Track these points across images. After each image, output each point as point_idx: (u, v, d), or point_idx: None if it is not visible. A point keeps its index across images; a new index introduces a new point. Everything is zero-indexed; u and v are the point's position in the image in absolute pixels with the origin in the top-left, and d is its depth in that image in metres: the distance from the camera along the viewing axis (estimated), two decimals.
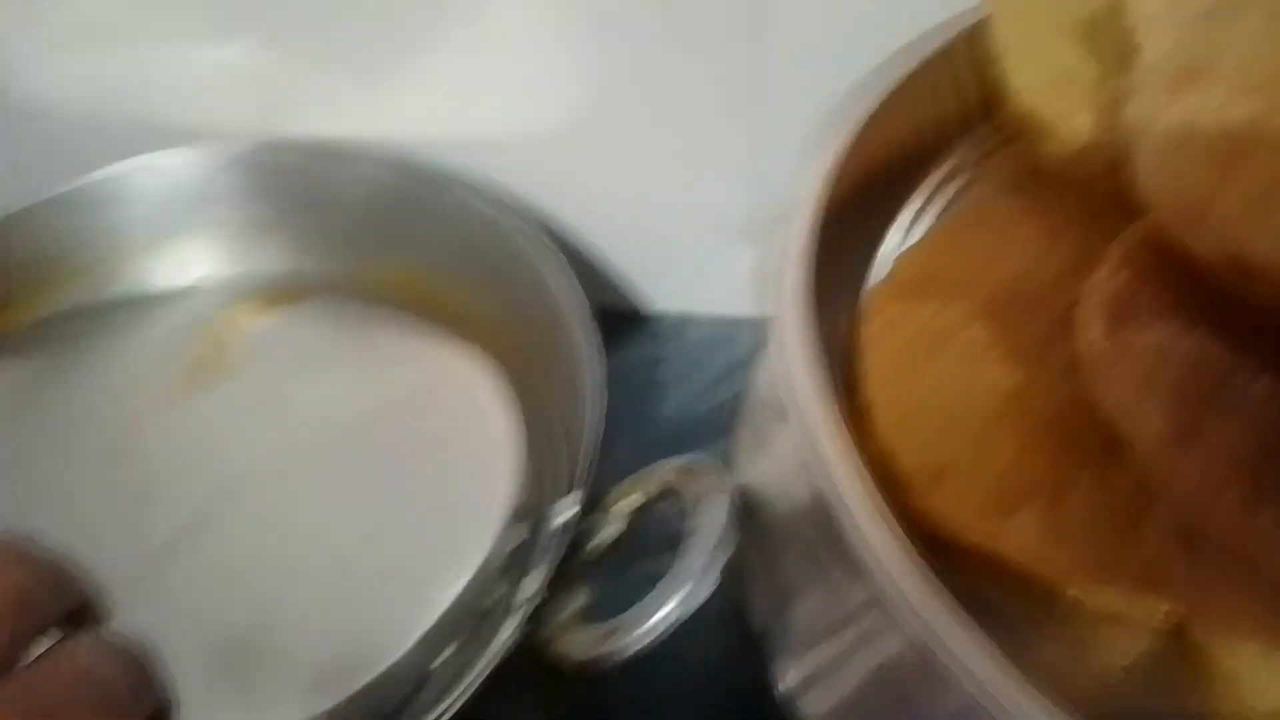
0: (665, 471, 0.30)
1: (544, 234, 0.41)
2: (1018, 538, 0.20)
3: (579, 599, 0.30)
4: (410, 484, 0.36)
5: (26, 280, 0.44)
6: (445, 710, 0.28)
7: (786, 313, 0.22)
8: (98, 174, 0.44)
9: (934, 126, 0.29)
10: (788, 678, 0.27)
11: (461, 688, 0.28)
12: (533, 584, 0.30)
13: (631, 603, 0.28)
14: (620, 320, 0.49)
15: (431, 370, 0.41)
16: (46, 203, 0.44)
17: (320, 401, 0.39)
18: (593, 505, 0.32)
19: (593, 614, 0.30)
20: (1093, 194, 0.24)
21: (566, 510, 0.32)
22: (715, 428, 0.41)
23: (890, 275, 0.26)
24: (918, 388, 0.23)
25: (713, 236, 0.46)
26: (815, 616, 0.25)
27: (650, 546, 0.37)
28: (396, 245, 0.44)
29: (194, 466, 0.38)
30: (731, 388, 0.46)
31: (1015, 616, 0.21)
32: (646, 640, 0.26)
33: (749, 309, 0.49)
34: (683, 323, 0.50)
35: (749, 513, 0.29)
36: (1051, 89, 0.27)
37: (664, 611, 0.26)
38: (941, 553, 0.20)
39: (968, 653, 0.17)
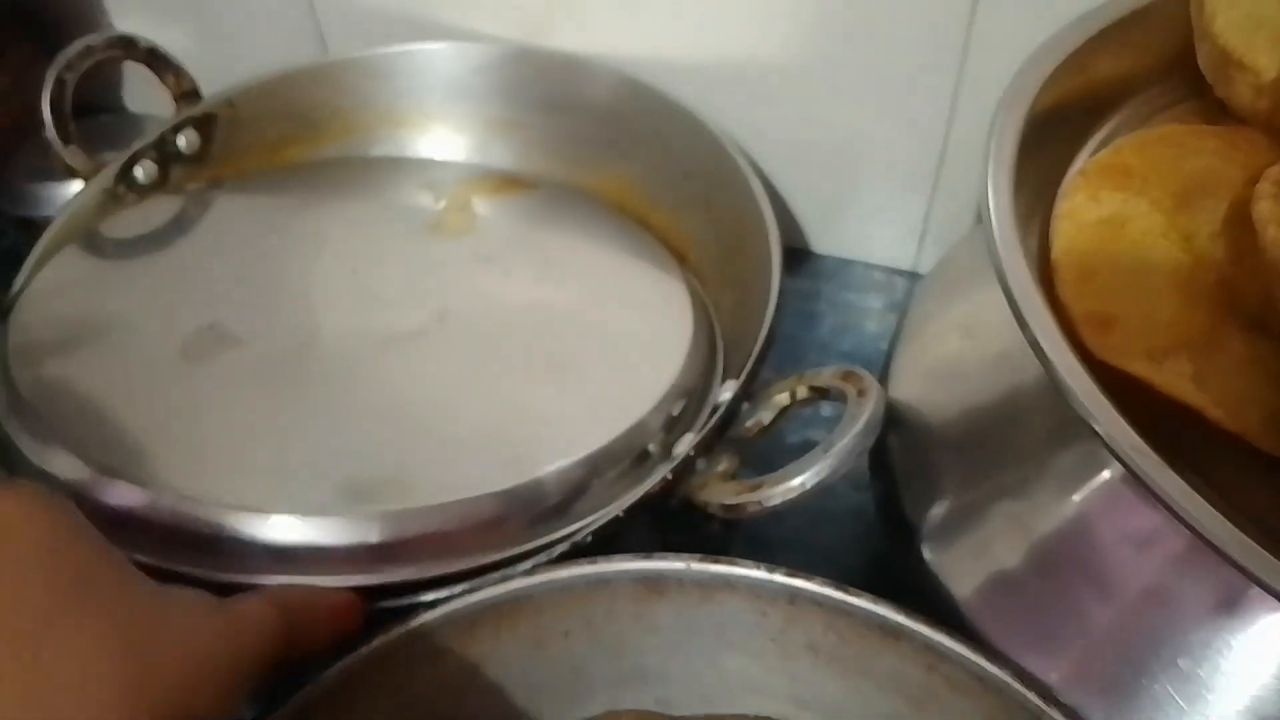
0: (822, 376, 0.36)
1: (748, 162, 0.46)
2: (1171, 377, 0.26)
3: (724, 463, 0.36)
4: (591, 353, 0.43)
5: (306, 126, 0.53)
6: (593, 523, 0.34)
7: (996, 192, 0.29)
8: (380, 50, 0.53)
9: (1121, 77, 0.34)
10: (934, 556, 0.33)
11: (610, 510, 0.35)
12: (687, 442, 0.37)
13: None
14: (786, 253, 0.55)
15: (629, 267, 0.47)
16: (338, 63, 0.53)
17: (529, 270, 0.47)
18: (750, 394, 0.38)
19: (734, 478, 0.36)
20: (1271, 126, 0.29)
21: (727, 390, 0.38)
22: (860, 359, 0.47)
23: (1083, 170, 0.32)
24: (1098, 257, 0.29)
25: (891, 188, 0.51)
26: (965, 501, 0.32)
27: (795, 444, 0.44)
28: (618, 157, 0.51)
29: (414, 300, 0.45)
30: (883, 327, 0.52)
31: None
32: (786, 498, 0.32)
33: (909, 263, 0.54)
34: (845, 265, 0.55)
35: (897, 416, 0.35)
36: (1246, 30, 0.31)
37: (805, 475, 0.32)
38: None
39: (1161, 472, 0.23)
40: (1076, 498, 0.30)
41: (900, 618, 0.29)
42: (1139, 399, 0.26)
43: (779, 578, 0.30)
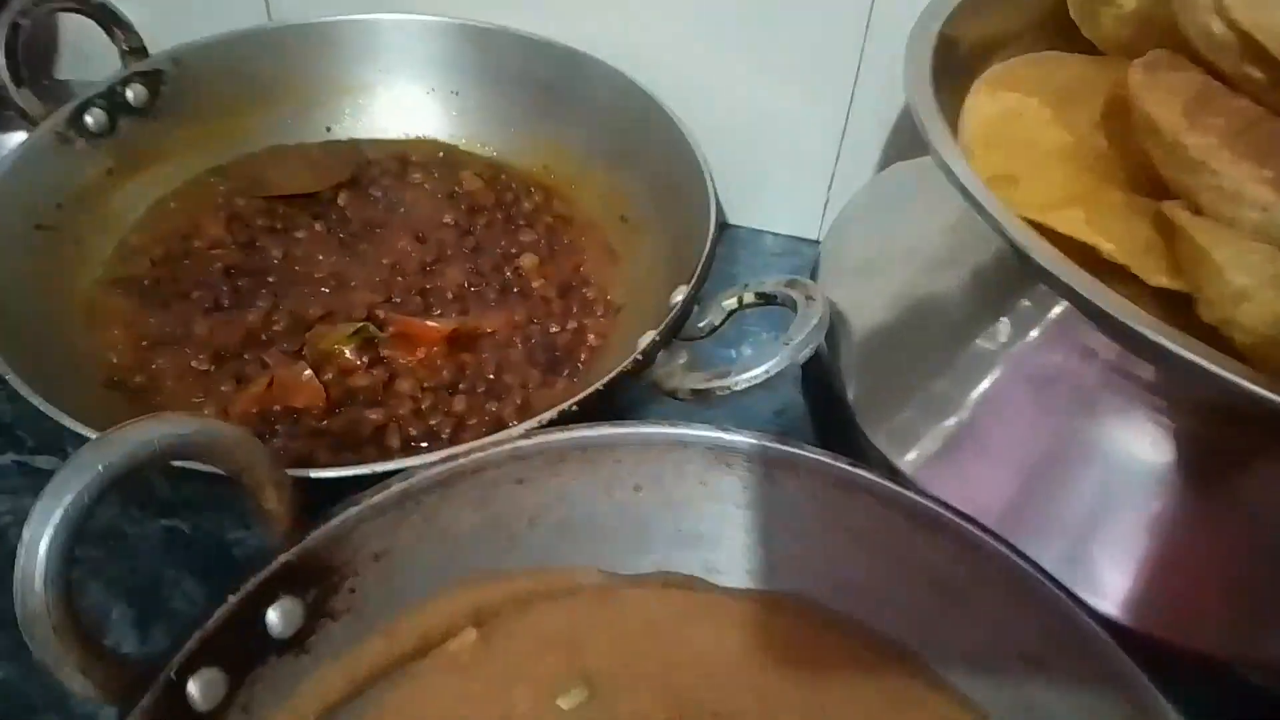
0: (768, 284, 0.41)
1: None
2: (1068, 222, 0.31)
3: (684, 356, 0.40)
4: None
5: (253, 89, 0.55)
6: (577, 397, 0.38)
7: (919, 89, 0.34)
8: (324, 18, 0.56)
9: (1002, 33, 0.40)
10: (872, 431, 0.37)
11: (593, 385, 0.38)
12: (647, 337, 0.41)
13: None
14: None
15: None
16: (282, 29, 0.56)
17: None
18: (699, 299, 0.42)
19: (694, 367, 0.40)
20: (1133, 51, 0.34)
21: (679, 294, 0.43)
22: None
23: (983, 77, 0.38)
24: (1000, 136, 0.35)
25: (799, 164, 0.57)
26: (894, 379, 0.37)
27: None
28: (556, 123, 0.56)
29: None
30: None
31: None
32: (751, 383, 0.36)
33: (815, 233, 0.60)
34: (757, 235, 0.61)
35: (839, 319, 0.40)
36: None
37: (768, 365, 0.36)
38: None
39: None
40: (995, 349, 0.35)
41: (947, 513, 0.33)
42: None
43: (842, 464, 0.34)
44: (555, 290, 0.50)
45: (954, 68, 0.39)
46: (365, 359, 0.45)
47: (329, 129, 0.57)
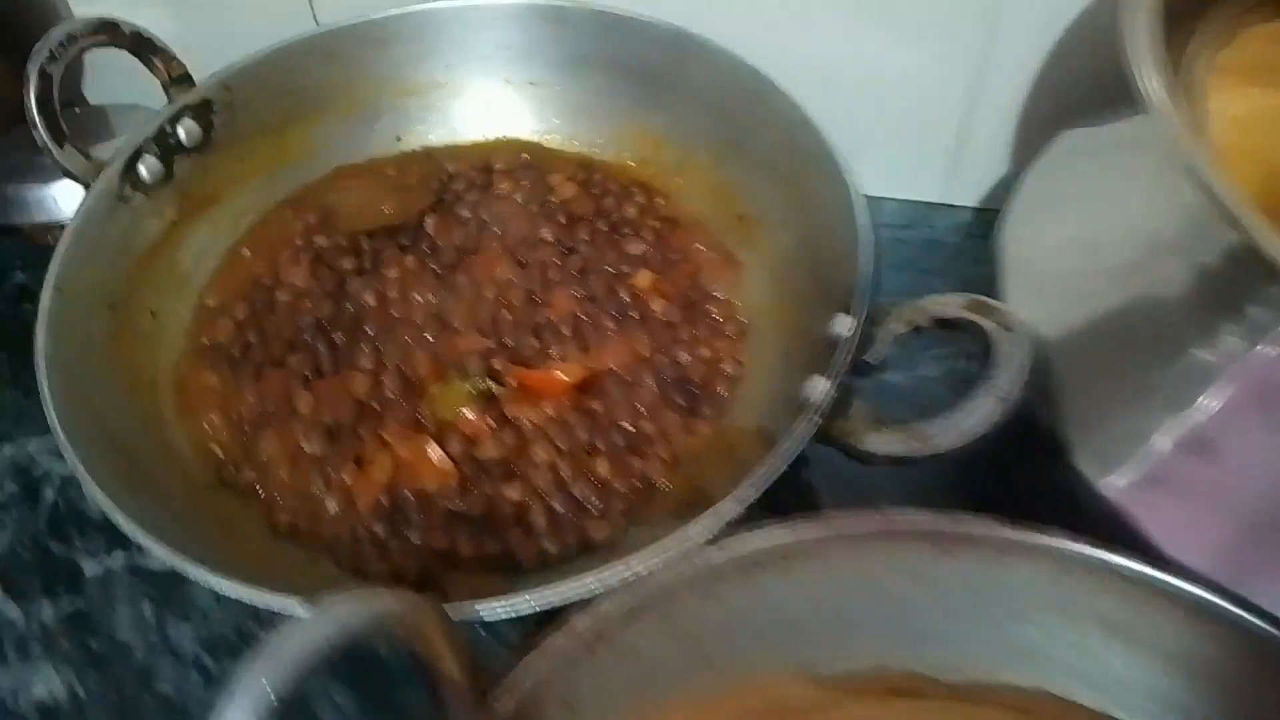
0: (945, 304, 0.36)
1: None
2: None
3: (855, 403, 0.36)
4: None
5: (307, 103, 0.50)
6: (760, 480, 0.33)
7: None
8: (374, 15, 0.49)
9: None
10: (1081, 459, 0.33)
11: (776, 465, 0.33)
12: (819, 385, 0.36)
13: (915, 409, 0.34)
14: None
15: None
16: (331, 33, 0.49)
17: None
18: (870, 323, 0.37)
19: (872, 417, 0.35)
20: None
21: (842, 325, 0.37)
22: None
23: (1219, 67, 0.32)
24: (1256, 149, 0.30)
25: (923, 122, 0.51)
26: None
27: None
28: (648, 110, 0.50)
29: None
30: (932, 260, 0.52)
31: None
32: (958, 444, 0.32)
33: (939, 195, 0.54)
34: (876, 202, 0.55)
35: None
36: None
37: (975, 420, 0.32)
38: None
39: None
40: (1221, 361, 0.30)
41: (1222, 601, 0.29)
42: None
43: (1087, 549, 0.30)
44: (678, 311, 0.45)
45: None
46: (490, 421, 0.41)
47: (399, 138, 0.51)
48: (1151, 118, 0.28)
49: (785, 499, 0.33)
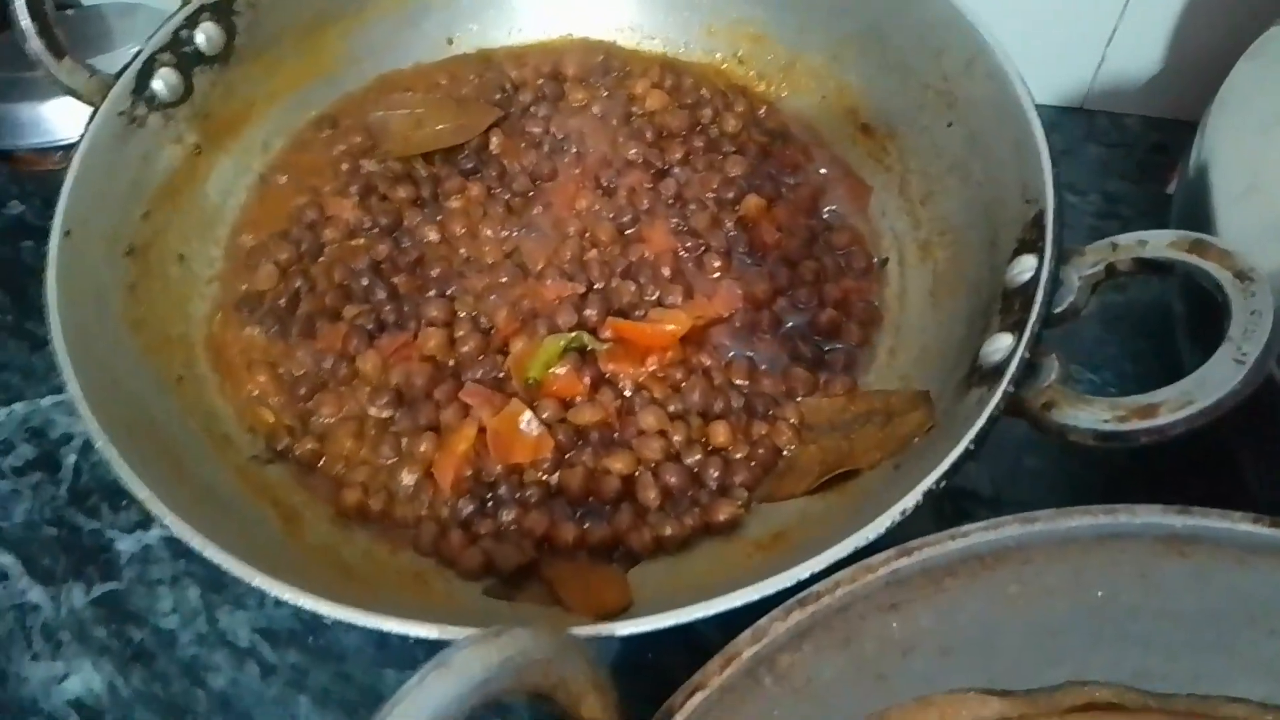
0: (1154, 244, 0.29)
1: None
2: None
3: (1055, 367, 0.29)
4: None
5: None
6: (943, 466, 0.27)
7: None
8: None
9: None
10: None
11: (958, 446, 0.28)
12: (1003, 342, 0.29)
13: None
14: None
15: None
16: None
17: None
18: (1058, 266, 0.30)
19: (1066, 383, 0.29)
20: None
21: (1025, 267, 0.31)
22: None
23: None
24: None
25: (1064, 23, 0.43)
26: None
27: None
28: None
29: None
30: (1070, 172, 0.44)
31: None
32: (1192, 424, 0.26)
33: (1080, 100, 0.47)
34: None
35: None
36: None
37: (1220, 392, 0.26)
38: None
39: None
40: None
41: None
42: None
43: None
44: (797, 244, 0.38)
45: None
46: (586, 381, 0.34)
47: (450, 40, 0.44)
48: None
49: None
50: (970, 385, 0.30)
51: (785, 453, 0.34)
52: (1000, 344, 0.29)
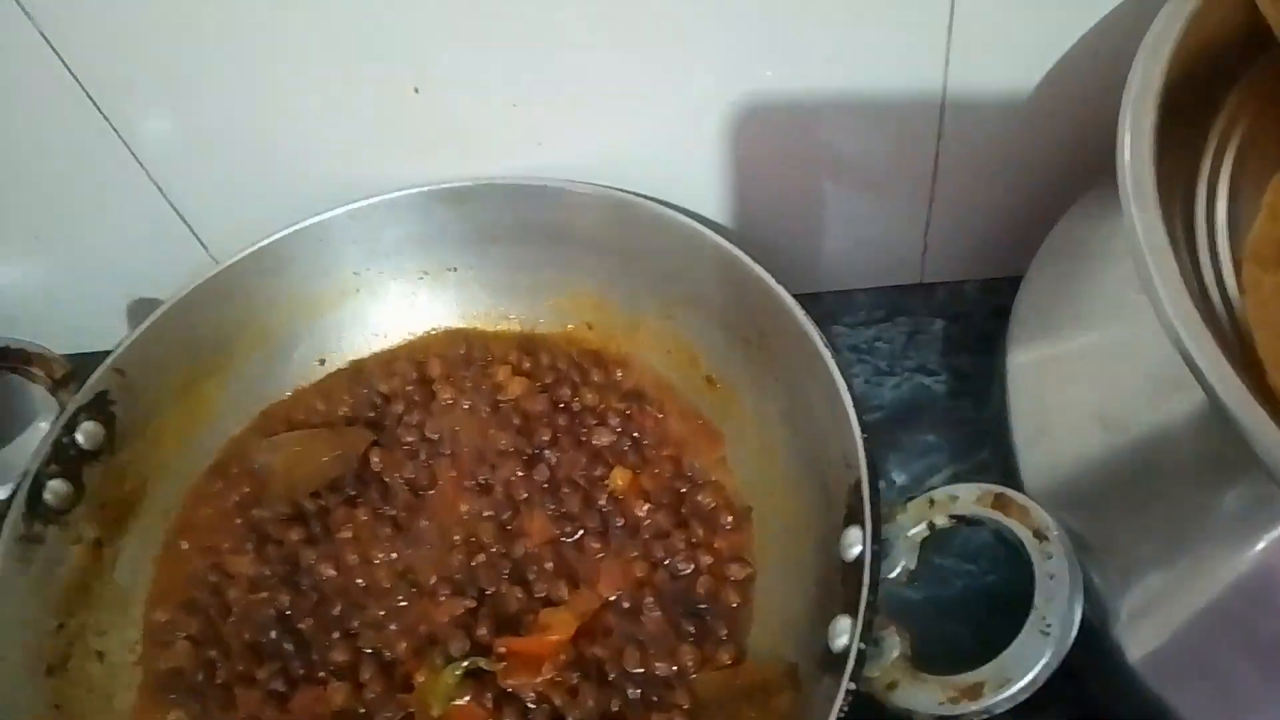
0: (960, 500, 0.31)
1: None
2: None
3: (896, 642, 0.31)
4: None
5: (213, 351, 0.45)
6: None
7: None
8: (265, 241, 0.44)
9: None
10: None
11: None
12: (844, 627, 0.31)
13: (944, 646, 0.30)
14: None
15: None
16: (222, 273, 0.43)
17: None
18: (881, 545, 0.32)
19: (908, 655, 0.31)
20: None
21: (853, 543, 0.33)
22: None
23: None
24: None
25: (890, 209, 0.46)
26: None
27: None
28: (585, 275, 0.45)
29: None
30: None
31: None
32: (1016, 700, 0.28)
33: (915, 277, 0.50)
34: (845, 296, 0.50)
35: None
36: None
37: (1034, 671, 0.27)
38: None
39: None
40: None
41: None
42: None
43: None
44: (665, 510, 0.40)
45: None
46: (487, 703, 0.36)
47: (322, 361, 0.46)
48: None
49: None
50: (824, 669, 0.32)
51: None
52: (842, 625, 0.31)
